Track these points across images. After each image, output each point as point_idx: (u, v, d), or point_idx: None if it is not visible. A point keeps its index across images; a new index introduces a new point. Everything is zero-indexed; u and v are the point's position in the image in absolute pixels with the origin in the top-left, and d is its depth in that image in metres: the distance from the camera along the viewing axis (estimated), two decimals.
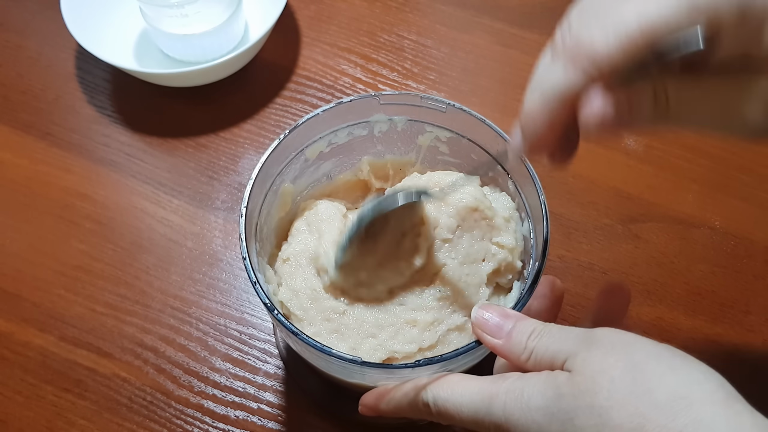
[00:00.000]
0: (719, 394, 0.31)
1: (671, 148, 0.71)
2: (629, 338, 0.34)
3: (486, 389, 0.36)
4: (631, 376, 0.32)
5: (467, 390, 0.37)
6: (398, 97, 0.52)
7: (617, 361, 0.33)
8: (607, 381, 0.32)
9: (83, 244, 0.65)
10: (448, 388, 0.38)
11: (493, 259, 0.49)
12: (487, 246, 0.49)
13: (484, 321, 0.40)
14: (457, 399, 0.38)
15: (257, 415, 0.57)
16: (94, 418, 0.56)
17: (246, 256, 0.44)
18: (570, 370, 0.34)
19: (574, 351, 0.34)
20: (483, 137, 0.51)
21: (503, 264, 0.49)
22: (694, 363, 0.33)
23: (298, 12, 0.81)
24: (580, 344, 0.35)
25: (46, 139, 0.72)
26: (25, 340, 0.60)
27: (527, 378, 0.36)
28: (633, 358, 0.33)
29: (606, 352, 0.33)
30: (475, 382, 0.38)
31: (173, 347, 0.60)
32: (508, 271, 0.50)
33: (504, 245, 0.49)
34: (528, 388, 0.35)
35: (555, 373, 0.35)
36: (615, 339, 0.34)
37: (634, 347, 0.34)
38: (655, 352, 0.33)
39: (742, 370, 0.58)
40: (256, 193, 0.48)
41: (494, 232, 0.49)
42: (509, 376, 0.37)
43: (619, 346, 0.34)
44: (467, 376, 0.39)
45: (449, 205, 0.49)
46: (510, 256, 0.49)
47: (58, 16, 0.71)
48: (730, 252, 0.65)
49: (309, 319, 0.47)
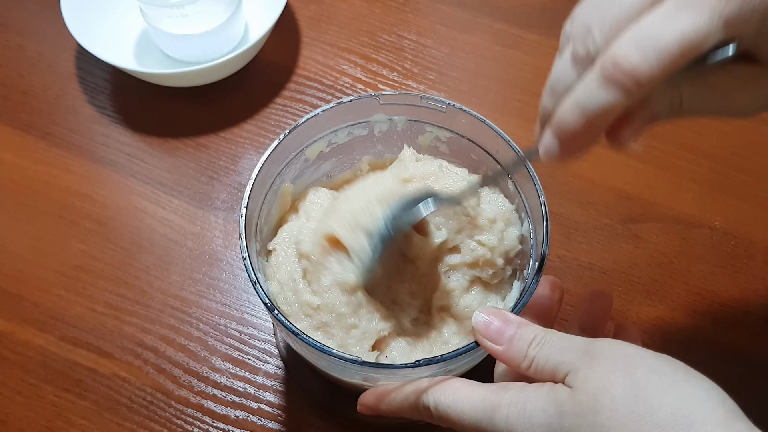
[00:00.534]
0: (720, 412, 0.31)
1: (671, 148, 0.71)
2: (630, 351, 0.35)
3: (489, 400, 0.37)
4: (632, 394, 0.32)
5: (469, 398, 0.38)
6: (398, 97, 0.52)
7: (618, 378, 0.33)
8: (609, 400, 0.32)
9: (83, 244, 0.65)
10: (450, 395, 0.38)
11: (471, 254, 0.49)
12: (466, 241, 0.49)
13: (485, 326, 0.40)
14: (459, 406, 0.38)
15: (257, 415, 0.57)
16: (94, 418, 0.56)
17: (246, 256, 0.44)
18: (572, 387, 0.34)
19: (576, 365, 0.35)
20: (483, 137, 0.51)
21: (481, 259, 0.49)
22: (695, 379, 0.33)
23: (298, 12, 0.82)
24: (581, 358, 0.35)
25: (47, 139, 0.72)
26: (25, 340, 0.60)
27: (529, 391, 0.36)
28: (634, 375, 0.33)
29: (607, 369, 0.34)
30: (478, 391, 0.38)
31: (173, 347, 0.60)
32: (487, 266, 0.49)
33: (485, 243, 0.49)
34: (530, 403, 0.35)
35: (557, 388, 0.35)
36: (616, 353, 0.34)
37: (635, 362, 0.34)
38: (657, 367, 0.33)
39: (743, 370, 0.58)
40: (256, 193, 0.48)
41: (476, 230, 0.49)
42: (511, 386, 0.37)
43: (621, 361, 0.34)
44: (469, 383, 0.39)
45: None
46: (489, 253, 0.49)
47: (58, 16, 0.71)
48: (730, 252, 0.65)
49: (293, 314, 0.47)
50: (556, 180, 0.69)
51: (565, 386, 0.35)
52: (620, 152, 0.42)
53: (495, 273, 0.50)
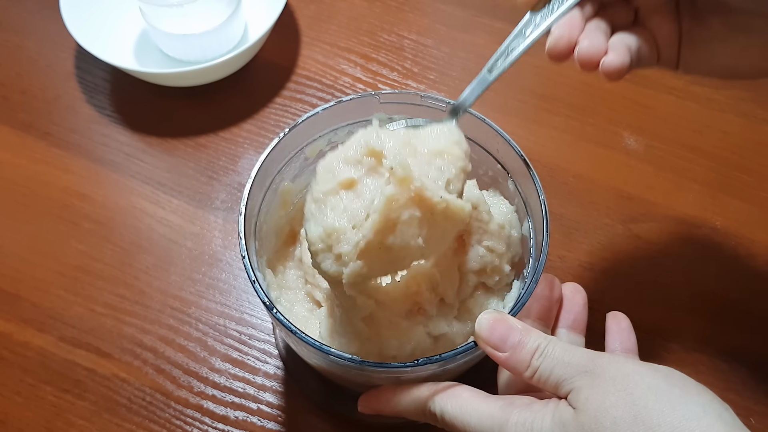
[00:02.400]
0: (718, 427, 0.32)
1: (671, 148, 0.71)
2: (628, 369, 0.36)
3: (496, 416, 0.37)
4: (632, 416, 0.33)
5: (477, 411, 0.38)
6: (398, 96, 0.51)
7: (618, 399, 0.34)
8: (610, 422, 0.33)
9: (82, 244, 0.65)
10: (458, 405, 0.39)
11: (480, 261, 0.49)
12: (475, 247, 0.49)
13: (489, 333, 0.40)
14: (465, 418, 0.38)
15: (257, 416, 0.57)
16: (93, 419, 0.56)
17: (245, 255, 0.44)
18: (575, 407, 0.35)
19: (578, 384, 0.36)
20: (482, 136, 0.51)
21: (489, 266, 0.49)
22: (692, 394, 0.34)
23: (298, 12, 0.81)
24: (583, 376, 0.36)
25: (46, 138, 0.71)
26: (24, 341, 0.60)
27: (535, 411, 0.37)
28: (633, 395, 0.34)
29: (607, 389, 0.35)
30: (485, 406, 0.38)
31: (173, 347, 0.59)
32: (495, 273, 0.50)
33: (493, 249, 0.49)
34: (537, 423, 0.36)
35: (561, 408, 0.36)
36: (614, 372, 0.36)
37: (634, 381, 0.35)
38: (654, 386, 0.34)
39: (742, 370, 0.58)
40: (256, 192, 0.47)
41: (486, 236, 0.49)
42: (518, 404, 0.38)
43: (620, 380, 0.35)
44: (477, 394, 0.40)
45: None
46: (498, 260, 0.49)
47: (57, 15, 0.71)
48: (730, 252, 0.65)
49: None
50: (556, 180, 0.69)
51: (569, 406, 0.36)
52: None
53: (500, 279, 0.50)
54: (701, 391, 0.34)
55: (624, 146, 0.71)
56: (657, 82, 0.76)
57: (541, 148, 0.71)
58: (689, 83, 0.76)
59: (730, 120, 0.73)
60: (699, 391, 0.35)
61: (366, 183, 0.41)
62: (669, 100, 0.75)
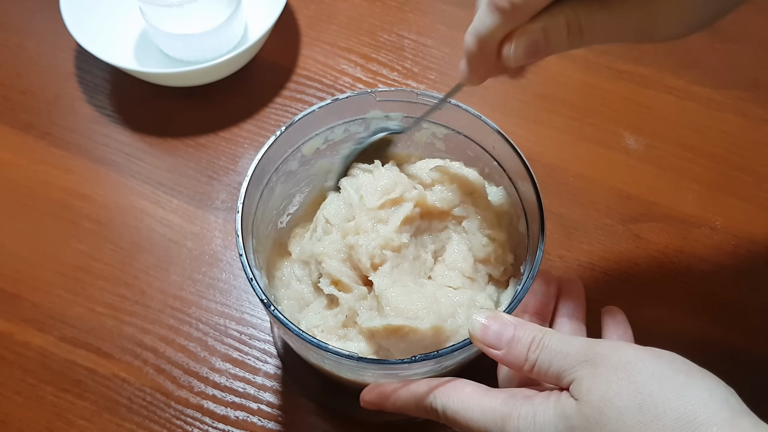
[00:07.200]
0: (724, 412, 0.32)
1: (671, 148, 0.71)
2: (629, 357, 0.35)
3: (499, 411, 0.37)
4: (636, 405, 0.33)
5: (479, 406, 0.38)
6: (394, 94, 0.51)
7: (621, 388, 0.33)
8: (615, 412, 0.33)
9: (83, 244, 0.65)
10: (459, 400, 0.39)
11: (482, 250, 0.49)
12: (478, 237, 0.49)
13: (483, 331, 0.40)
14: (468, 414, 0.38)
15: (257, 416, 0.57)
16: (93, 419, 0.56)
17: (242, 252, 0.44)
18: (577, 399, 0.35)
19: (579, 374, 0.35)
20: (479, 133, 0.51)
21: (492, 256, 0.49)
22: (696, 379, 0.33)
23: (298, 12, 0.81)
24: (583, 365, 0.35)
25: (46, 138, 0.72)
26: (24, 341, 0.60)
27: (537, 404, 0.36)
28: (636, 383, 0.33)
29: (609, 378, 0.34)
30: (487, 400, 0.38)
31: (173, 347, 0.60)
32: (499, 262, 0.50)
33: (495, 238, 0.49)
34: (539, 417, 0.36)
35: (563, 400, 0.35)
36: (616, 360, 0.35)
37: (637, 368, 0.34)
38: (658, 373, 0.34)
39: (742, 370, 0.58)
40: (253, 190, 0.48)
41: (485, 223, 0.49)
42: (519, 397, 0.37)
43: (621, 368, 0.34)
44: (478, 388, 0.39)
45: (452, 182, 0.50)
46: (500, 249, 0.49)
47: (57, 15, 0.71)
48: (730, 252, 0.65)
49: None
50: (556, 180, 0.69)
51: (571, 397, 0.35)
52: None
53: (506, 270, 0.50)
54: (705, 376, 0.34)
55: (624, 146, 0.71)
56: (657, 82, 0.76)
57: (541, 148, 0.71)
58: (689, 83, 0.76)
59: (730, 120, 0.73)
60: (703, 375, 0.34)
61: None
62: (669, 100, 0.75)
